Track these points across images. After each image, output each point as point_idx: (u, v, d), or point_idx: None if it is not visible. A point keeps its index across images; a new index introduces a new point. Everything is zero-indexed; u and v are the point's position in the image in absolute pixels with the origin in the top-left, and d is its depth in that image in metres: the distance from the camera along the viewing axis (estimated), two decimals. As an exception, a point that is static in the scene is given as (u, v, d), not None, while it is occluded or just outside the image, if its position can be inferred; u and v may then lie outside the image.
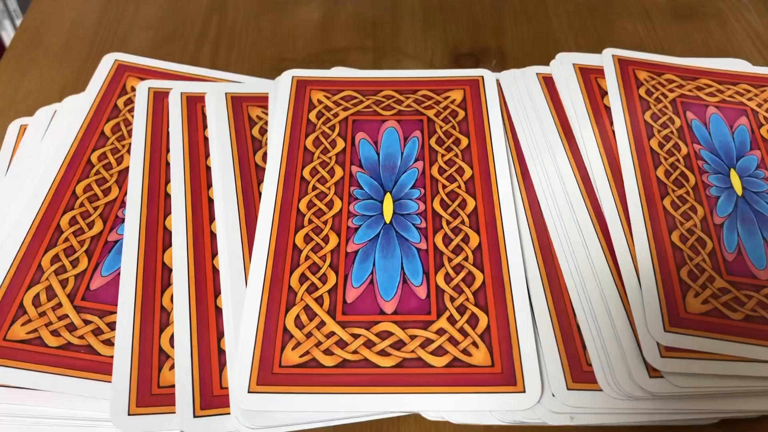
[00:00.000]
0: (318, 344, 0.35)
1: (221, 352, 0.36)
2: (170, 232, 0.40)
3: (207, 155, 0.44)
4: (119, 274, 0.38)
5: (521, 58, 0.54)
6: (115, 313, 0.37)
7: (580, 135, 0.45)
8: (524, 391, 0.34)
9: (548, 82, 0.49)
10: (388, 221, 0.40)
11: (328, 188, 0.42)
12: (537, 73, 0.50)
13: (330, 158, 0.43)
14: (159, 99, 0.47)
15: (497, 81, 0.49)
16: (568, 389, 0.34)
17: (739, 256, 0.39)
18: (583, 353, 0.36)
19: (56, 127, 0.46)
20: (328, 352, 0.35)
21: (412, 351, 0.35)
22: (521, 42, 0.56)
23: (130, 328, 0.36)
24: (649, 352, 0.35)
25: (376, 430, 0.35)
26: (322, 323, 0.36)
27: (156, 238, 0.40)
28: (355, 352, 0.35)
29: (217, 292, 0.38)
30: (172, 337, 0.36)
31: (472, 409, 0.34)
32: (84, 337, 0.36)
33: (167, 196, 0.42)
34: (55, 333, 0.36)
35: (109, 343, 0.36)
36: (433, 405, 0.34)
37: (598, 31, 0.57)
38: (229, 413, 0.34)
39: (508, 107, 0.47)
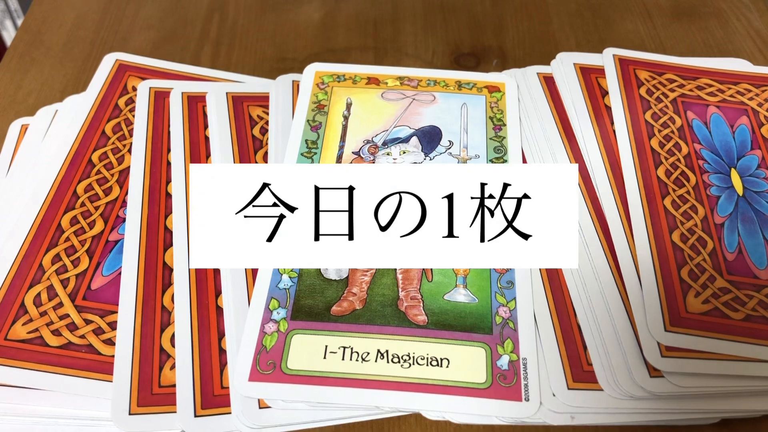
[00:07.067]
0: None
1: (222, 352, 0.36)
2: (171, 232, 0.40)
3: (208, 155, 0.44)
4: (120, 273, 0.38)
5: (522, 57, 0.54)
6: (116, 312, 0.37)
7: (580, 134, 0.45)
8: None
9: (549, 82, 0.49)
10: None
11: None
12: (538, 73, 0.50)
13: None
14: (160, 99, 0.47)
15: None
16: (568, 389, 0.34)
17: (740, 255, 0.39)
18: (583, 353, 0.36)
19: (57, 127, 0.46)
20: None
21: None
22: (522, 41, 0.56)
23: (131, 328, 0.36)
24: (650, 352, 0.35)
25: (376, 429, 0.35)
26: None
27: (157, 237, 0.40)
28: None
29: (218, 292, 0.38)
30: (173, 337, 0.36)
31: None
32: (85, 337, 0.36)
33: (168, 195, 0.42)
34: (56, 332, 0.36)
35: (110, 342, 0.36)
36: None
37: (599, 31, 0.57)
38: (229, 413, 0.34)
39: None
